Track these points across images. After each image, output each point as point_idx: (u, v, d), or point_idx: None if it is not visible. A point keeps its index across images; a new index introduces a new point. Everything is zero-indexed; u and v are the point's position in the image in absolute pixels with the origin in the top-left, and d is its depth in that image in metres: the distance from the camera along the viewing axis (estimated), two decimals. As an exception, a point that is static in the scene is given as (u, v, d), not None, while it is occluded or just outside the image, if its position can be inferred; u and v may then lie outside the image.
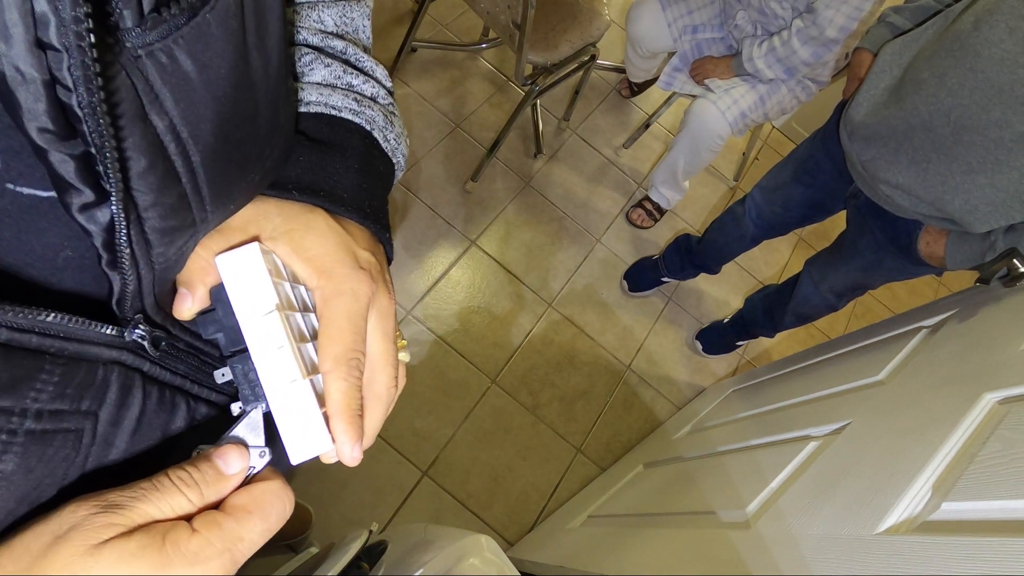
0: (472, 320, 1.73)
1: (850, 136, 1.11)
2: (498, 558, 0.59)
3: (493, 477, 1.57)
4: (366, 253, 0.33)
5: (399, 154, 0.39)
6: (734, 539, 0.83)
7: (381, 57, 1.98)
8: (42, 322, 0.21)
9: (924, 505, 0.66)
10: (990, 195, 0.92)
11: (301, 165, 0.33)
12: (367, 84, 0.38)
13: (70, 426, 0.24)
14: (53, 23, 0.17)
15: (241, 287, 0.28)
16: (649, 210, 2.03)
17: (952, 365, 0.92)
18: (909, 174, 1.00)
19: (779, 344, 2.07)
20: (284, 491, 0.27)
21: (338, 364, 0.29)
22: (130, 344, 0.26)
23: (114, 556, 0.21)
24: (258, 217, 0.30)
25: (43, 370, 0.22)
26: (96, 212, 0.22)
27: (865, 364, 1.17)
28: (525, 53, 1.54)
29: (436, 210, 1.84)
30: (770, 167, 1.45)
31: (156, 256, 0.25)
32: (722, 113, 1.60)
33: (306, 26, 0.37)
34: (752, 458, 1.09)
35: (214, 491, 0.25)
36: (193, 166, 0.24)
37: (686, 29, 1.69)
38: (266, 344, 0.27)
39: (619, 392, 1.80)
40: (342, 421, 0.29)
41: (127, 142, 0.21)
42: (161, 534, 0.23)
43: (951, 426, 0.74)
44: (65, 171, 0.20)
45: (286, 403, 0.28)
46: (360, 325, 0.31)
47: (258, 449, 0.27)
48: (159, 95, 0.21)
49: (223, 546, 0.24)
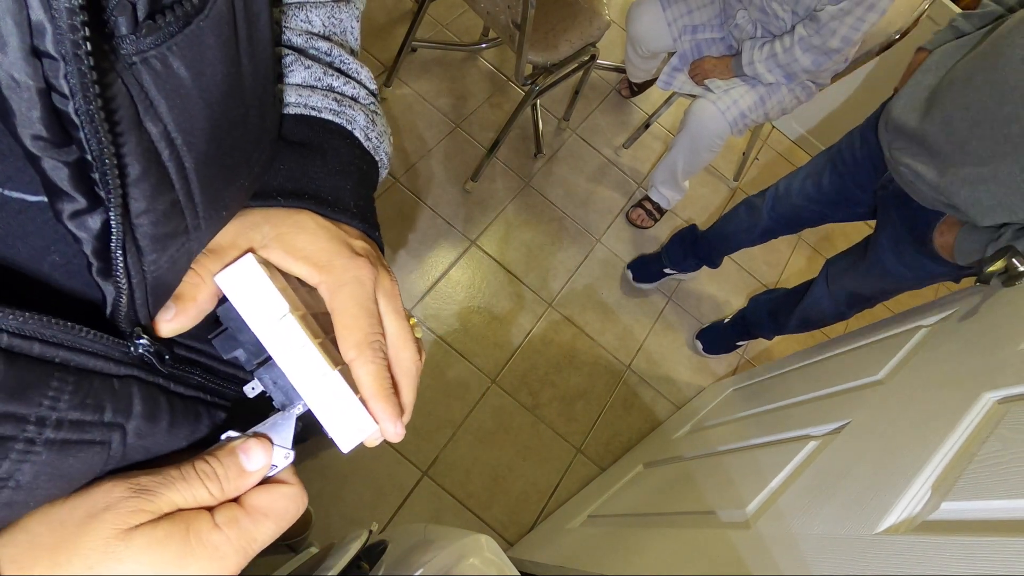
0: (472, 320, 1.73)
1: (886, 126, 1.15)
2: (498, 558, 0.59)
3: (493, 477, 1.57)
4: (359, 241, 0.33)
5: (382, 152, 0.39)
6: (734, 539, 0.83)
7: (381, 57, 1.98)
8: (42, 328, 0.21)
9: (923, 505, 0.66)
10: (993, 188, 0.94)
11: (283, 173, 0.33)
12: (348, 85, 0.38)
13: (95, 437, 0.23)
14: (50, 32, 0.17)
15: (248, 300, 0.28)
16: (649, 210, 2.03)
17: (951, 364, 0.92)
18: (927, 164, 1.04)
19: (779, 344, 2.07)
20: (301, 497, 0.28)
21: (362, 349, 0.30)
22: (137, 359, 0.26)
23: (143, 542, 0.23)
24: (246, 230, 0.30)
25: (53, 377, 0.22)
26: (87, 219, 0.22)
27: (864, 363, 1.17)
28: (525, 53, 1.54)
29: (436, 210, 1.84)
30: (770, 167, 1.45)
31: (148, 264, 0.25)
32: (722, 113, 1.60)
33: (292, 26, 0.37)
34: (752, 458, 1.09)
35: (235, 487, 0.26)
36: (186, 172, 0.24)
37: (686, 29, 1.69)
38: (288, 347, 0.28)
39: (619, 392, 1.80)
40: (379, 401, 0.30)
41: (124, 148, 0.21)
42: (185, 524, 0.24)
43: (950, 425, 0.74)
44: (58, 177, 0.20)
45: (323, 397, 0.28)
46: (372, 309, 0.31)
47: (283, 450, 0.28)
48: (154, 102, 0.21)
49: (239, 544, 0.25)
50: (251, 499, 0.26)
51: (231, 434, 0.28)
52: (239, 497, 0.27)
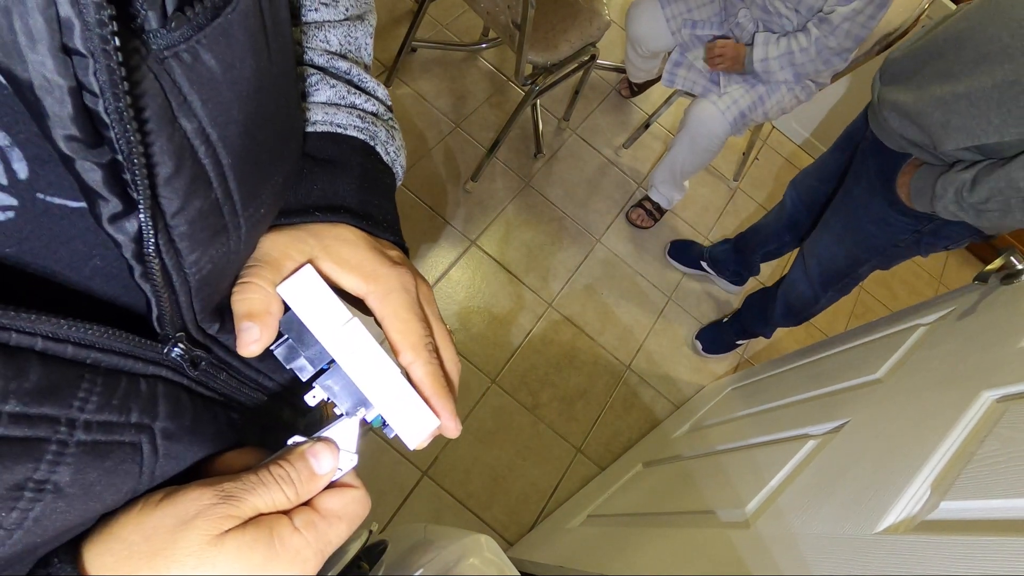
0: (472, 320, 1.73)
1: (881, 75, 1.18)
2: (498, 558, 0.59)
3: (493, 477, 1.57)
4: (394, 251, 0.35)
5: (398, 165, 0.41)
6: (733, 538, 0.83)
7: (381, 57, 1.98)
8: (77, 333, 0.21)
9: (923, 504, 0.66)
10: (964, 107, 0.96)
11: (316, 191, 0.34)
12: (368, 103, 0.39)
13: (124, 439, 0.24)
14: (78, 27, 0.17)
15: (311, 308, 0.29)
16: (649, 210, 2.04)
17: (950, 363, 0.92)
18: (909, 92, 1.07)
19: (778, 343, 2.07)
20: (367, 499, 0.29)
21: (418, 352, 0.31)
22: (169, 362, 0.26)
23: (234, 547, 0.24)
24: (294, 242, 0.31)
25: (83, 379, 0.22)
26: (125, 223, 0.22)
27: (863, 362, 1.17)
28: (525, 53, 1.54)
29: (436, 210, 1.84)
30: (770, 167, 1.47)
31: (188, 265, 0.25)
32: (722, 113, 1.60)
33: (312, 46, 0.38)
34: (751, 457, 1.09)
35: (307, 489, 0.27)
36: (223, 169, 0.24)
37: (686, 23, 1.69)
38: (354, 349, 0.29)
39: (619, 392, 1.80)
40: (440, 399, 0.32)
41: (154, 147, 0.21)
42: (269, 529, 0.25)
43: (949, 424, 0.74)
44: (92, 180, 0.20)
45: (391, 397, 0.30)
46: (420, 313, 0.33)
47: (348, 454, 0.29)
48: (187, 97, 0.21)
49: (318, 547, 0.26)
50: (324, 502, 0.28)
51: (297, 439, 0.29)
52: (311, 501, 0.28)
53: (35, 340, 0.20)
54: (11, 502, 0.20)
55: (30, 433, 0.20)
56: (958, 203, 0.98)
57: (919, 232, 1.18)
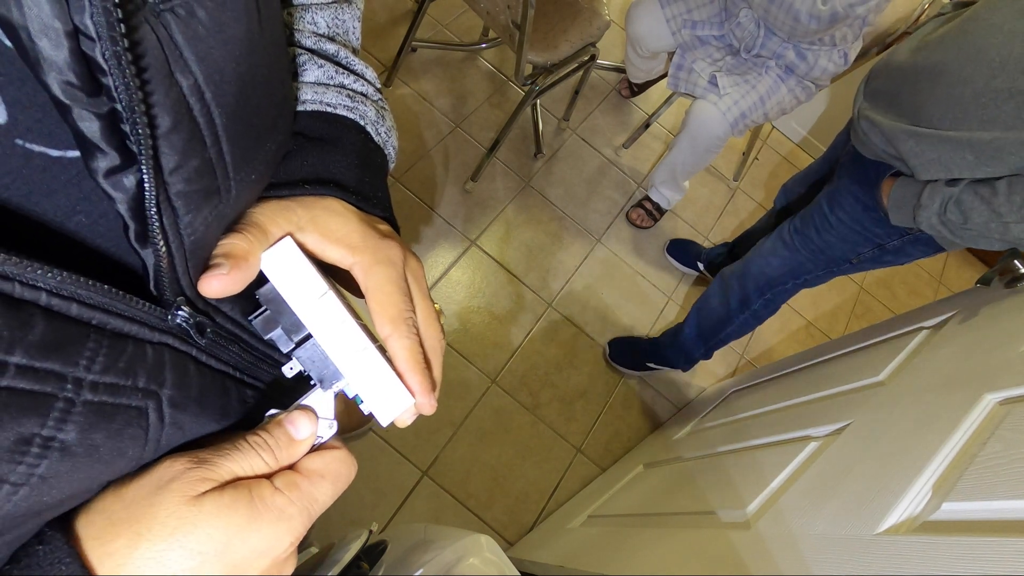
0: (472, 320, 1.73)
1: (865, 86, 1.17)
2: (498, 558, 0.59)
3: (493, 477, 1.57)
4: (384, 226, 0.35)
5: (389, 146, 0.41)
6: (734, 539, 0.83)
7: (381, 57, 1.98)
8: (80, 291, 0.21)
9: (924, 505, 0.66)
10: (936, 147, 0.95)
11: (306, 166, 0.34)
12: (357, 83, 0.39)
13: (131, 403, 0.23)
14: None
15: (289, 279, 0.29)
16: (649, 210, 2.04)
17: (953, 366, 0.92)
18: (886, 119, 1.06)
19: (779, 344, 2.07)
20: (350, 459, 0.29)
21: (396, 325, 0.31)
22: (174, 328, 0.26)
23: (213, 507, 0.24)
24: (282, 211, 0.31)
25: (89, 338, 0.21)
26: (122, 178, 0.21)
27: (865, 364, 1.17)
28: (525, 53, 1.54)
29: (436, 210, 1.84)
30: (770, 167, 1.47)
31: (184, 227, 0.24)
32: (722, 114, 1.60)
33: (300, 28, 0.38)
34: (752, 458, 1.09)
35: (287, 455, 0.28)
36: (216, 128, 0.24)
37: (685, 23, 1.69)
38: (328, 323, 0.29)
39: (619, 392, 1.80)
40: (416, 375, 0.31)
41: (154, 97, 0.20)
42: (247, 489, 0.25)
43: (951, 426, 0.74)
44: (90, 131, 0.20)
45: (362, 371, 0.30)
46: (404, 287, 0.32)
47: (327, 421, 0.30)
48: (183, 52, 0.21)
49: (302, 505, 0.26)
50: (306, 463, 0.28)
51: (274, 412, 0.30)
52: (294, 464, 0.28)
53: (39, 294, 0.20)
54: (18, 455, 0.20)
55: (37, 387, 0.20)
56: (939, 217, 0.96)
57: (882, 247, 1.17)
